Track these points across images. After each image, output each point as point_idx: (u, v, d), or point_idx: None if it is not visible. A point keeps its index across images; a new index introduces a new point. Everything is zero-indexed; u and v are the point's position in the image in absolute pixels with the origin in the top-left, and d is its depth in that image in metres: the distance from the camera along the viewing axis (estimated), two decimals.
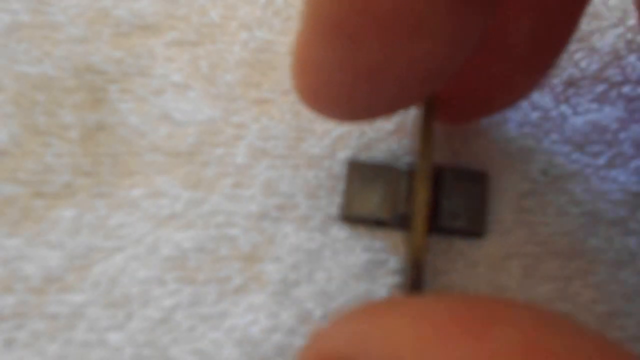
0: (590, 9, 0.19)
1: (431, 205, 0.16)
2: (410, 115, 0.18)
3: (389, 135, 0.18)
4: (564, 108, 0.18)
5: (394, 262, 0.16)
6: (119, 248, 0.16)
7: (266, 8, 0.18)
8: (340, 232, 0.17)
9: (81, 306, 0.15)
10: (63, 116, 0.17)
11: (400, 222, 0.16)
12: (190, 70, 0.18)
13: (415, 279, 0.14)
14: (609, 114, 0.18)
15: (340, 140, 0.17)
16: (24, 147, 0.16)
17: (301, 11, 0.13)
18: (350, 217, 0.16)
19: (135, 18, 0.18)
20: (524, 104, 0.18)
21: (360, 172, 0.17)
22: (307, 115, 0.18)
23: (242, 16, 0.18)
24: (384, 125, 0.18)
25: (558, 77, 0.18)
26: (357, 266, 0.16)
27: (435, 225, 0.16)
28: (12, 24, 0.17)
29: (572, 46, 0.19)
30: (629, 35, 0.19)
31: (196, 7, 0.18)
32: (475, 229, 0.16)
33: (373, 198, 0.16)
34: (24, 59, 0.17)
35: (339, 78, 0.13)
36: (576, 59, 0.19)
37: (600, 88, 0.18)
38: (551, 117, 0.18)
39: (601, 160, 0.18)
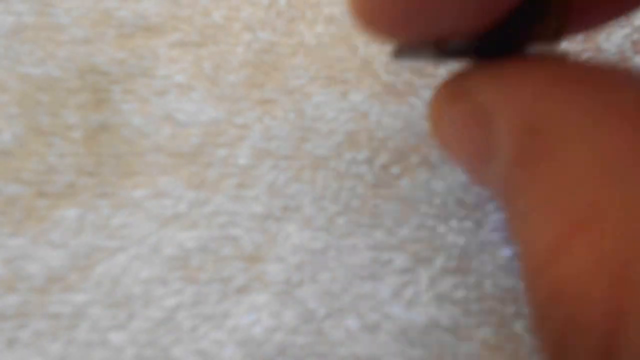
0: None
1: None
2: (418, 115, 0.18)
3: (397, 133, 0.17)
4: None
5: (399, 261, 0.16)
6: (122, 248, 0.16)
7: (269, 9, 0.18)
8: (344, 232, 0.16)
9: (83, 306, 0.15)
10: (66, 117, 0.17)
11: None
12: (193, 71, 0.18)
13: None
14: None
15: (346, 140, 0.17)
16: (27, 147, 0.16)
17: None
18: (402, 51, 0.14)
19: (139, 19, 0.18)
20: None
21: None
22: (312, 115, 0.17)
23: (245, 17, 0.18)
24: (392, 124, 0.18)
25: None
26: (361, 266, 0.16)
27: None
28: (16, 25, 0.17)
29: (578, 47, 0.19)
30: (636, 36, 0.19)
31: (199, 8, 0.18)
32: None
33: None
34: (28, 60, 0.17)
35: None
36: (582, 60, 0.19)
37: None
38: None
39: None
